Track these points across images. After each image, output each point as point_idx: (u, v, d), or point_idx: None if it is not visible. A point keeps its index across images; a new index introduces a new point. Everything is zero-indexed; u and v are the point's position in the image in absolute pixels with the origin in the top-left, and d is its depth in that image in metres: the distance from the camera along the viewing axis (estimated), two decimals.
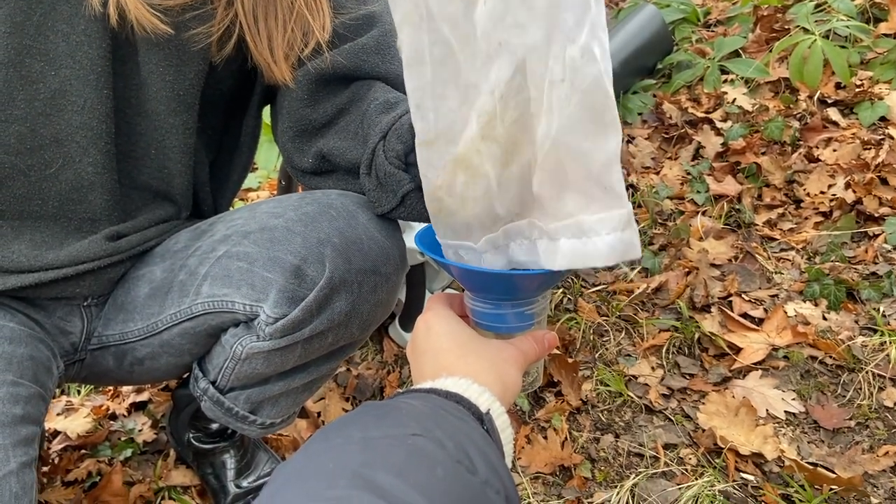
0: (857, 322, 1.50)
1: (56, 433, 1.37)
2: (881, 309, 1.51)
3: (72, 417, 1.42)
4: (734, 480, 1.22)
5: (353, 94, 0.93)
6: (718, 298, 1.62)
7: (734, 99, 2.22)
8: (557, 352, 1.48)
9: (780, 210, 1.87)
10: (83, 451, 1.34)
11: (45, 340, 0.90)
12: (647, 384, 1.44)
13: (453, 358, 0.59)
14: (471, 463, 0.43)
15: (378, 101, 0.88)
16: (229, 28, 0.87)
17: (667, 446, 1.31)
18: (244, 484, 1.20)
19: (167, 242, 0.97)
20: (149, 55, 0.86)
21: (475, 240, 0.61)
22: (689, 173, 2.04)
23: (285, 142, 0.98)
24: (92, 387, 1.52)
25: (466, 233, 0.61)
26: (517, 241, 0.59)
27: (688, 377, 1.45)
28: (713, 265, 1.72)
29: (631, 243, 0.52)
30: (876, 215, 1.75)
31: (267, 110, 1.05)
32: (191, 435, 1.21)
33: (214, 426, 1.21)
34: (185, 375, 1.03)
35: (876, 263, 1.63)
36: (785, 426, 1.32)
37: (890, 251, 1.66)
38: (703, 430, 1.32)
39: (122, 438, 1.36)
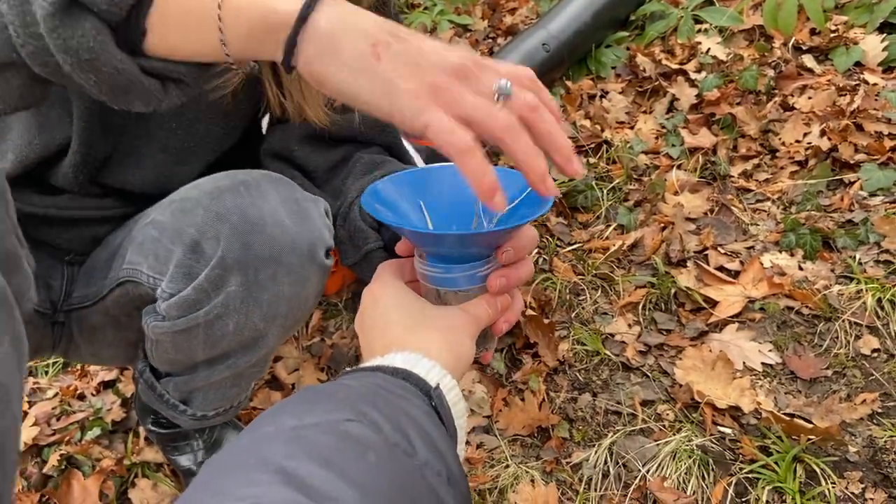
0: (833, 271, 1.49)
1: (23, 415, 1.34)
2: (857, 256, 1.50)
3: (40, 403, 1.39)
4: (712, 434, 1.22)
5: (345, 153, 0.96)
6: (694, 252, 1.60)
7: (708, 49, 2.18)
8: (533, 313, 1.46)
9: (756, 161, 1.85)
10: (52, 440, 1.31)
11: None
12: (623, 342, 1.43)
13: (402, 331, 0.56)
14: (409, 445, 0.42)
15: (364, 161, 0.93)
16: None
17: (644, 403, 1.31)
18: None
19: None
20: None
21: None
22: (663, 127, 2.01)
23: (263, 156, 1.01)
24: (60, 367, 1.49)
25: None
26: None
27: (664, 333, 1.43)
28: (689, 219, 1.70)
29: None
30: (851, 162, 1.73)
31: None
32: (150, 421, 1.17)
33: None
34: None
35: (852, 211, 1.62)
36: (762, 378, 1.31)
37: (866, 198, 1.64)
38: (681, 386, 1.31)
39: (91, 418, 1.33)
